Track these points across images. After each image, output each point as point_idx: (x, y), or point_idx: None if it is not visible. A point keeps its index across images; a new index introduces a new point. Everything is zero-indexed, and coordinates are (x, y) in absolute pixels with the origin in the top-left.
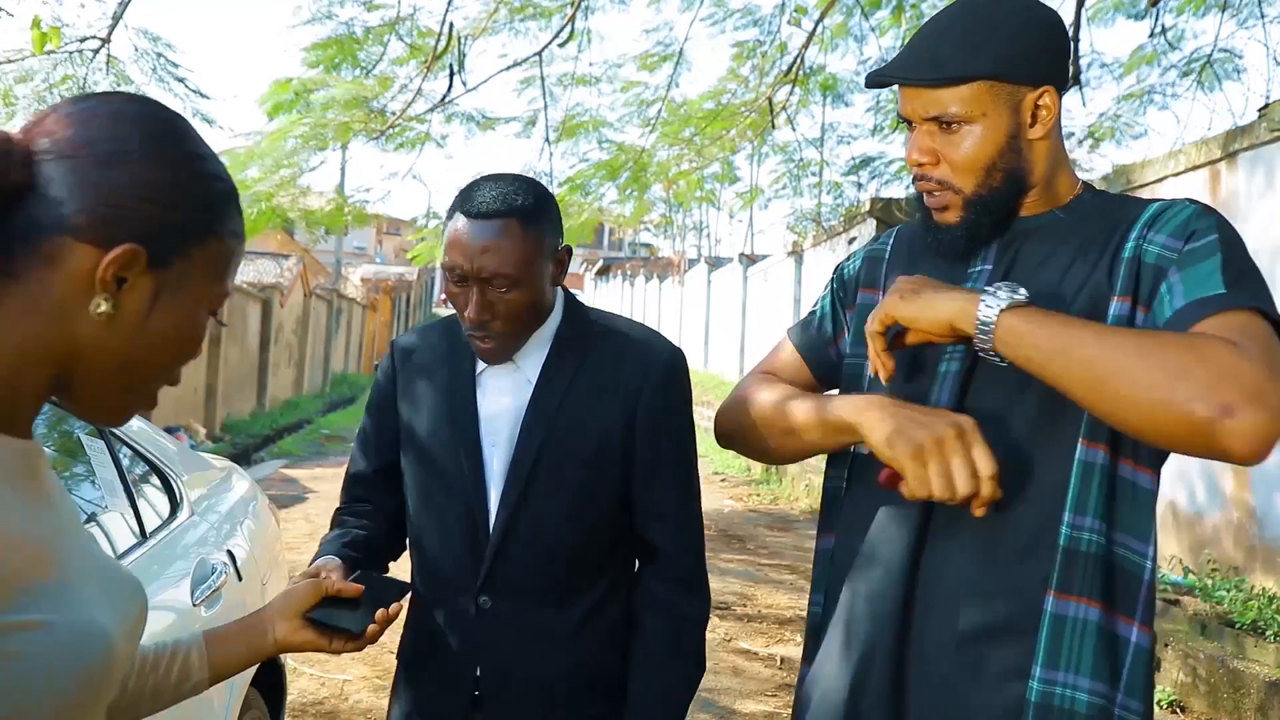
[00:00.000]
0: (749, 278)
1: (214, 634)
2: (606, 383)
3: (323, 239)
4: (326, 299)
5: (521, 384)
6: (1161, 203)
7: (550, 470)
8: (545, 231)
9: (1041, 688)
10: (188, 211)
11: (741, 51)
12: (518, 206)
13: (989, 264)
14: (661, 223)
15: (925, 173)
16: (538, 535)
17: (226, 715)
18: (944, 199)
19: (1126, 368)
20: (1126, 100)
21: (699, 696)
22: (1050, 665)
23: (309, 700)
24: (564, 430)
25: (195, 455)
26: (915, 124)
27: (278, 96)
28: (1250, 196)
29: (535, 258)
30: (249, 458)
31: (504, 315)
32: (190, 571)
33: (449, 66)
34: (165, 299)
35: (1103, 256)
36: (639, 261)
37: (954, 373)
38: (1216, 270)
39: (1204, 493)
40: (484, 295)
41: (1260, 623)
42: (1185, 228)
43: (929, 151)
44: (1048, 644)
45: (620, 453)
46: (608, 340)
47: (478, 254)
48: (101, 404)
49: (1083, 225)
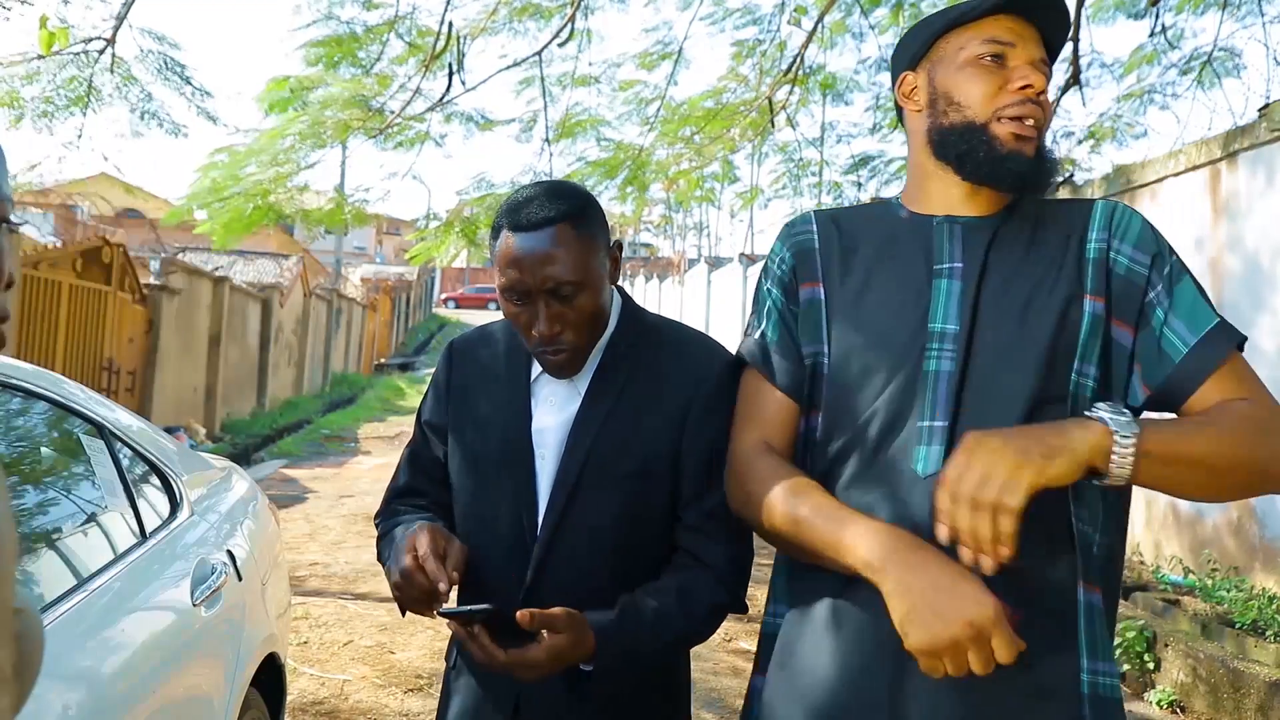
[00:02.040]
0: (749, 278)
1: None
2: (656, 394)
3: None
4: (326, 299)
5: (572, 396)
6: (1103, 204)
7: (595, 484)
8: (596, 231)
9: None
10: None
11: (741, 50)
12: (566, 211)
13: (957, 260)
14: (661, 223)
15: (1037, 100)
16: (582, 548)
17: (226, 715)
18: (1036, 127)
19: (1224, 457)
20: (1126, 100)
21: (700, 694)
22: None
23: (309, 700)
24: (609, 444)
25: (195, 455)
26: (1023, 60)
27: (275, 94)
28: (1251, 196)
29: (593, 259)
30: (249, 458)
31: (574, 324)
32: (190, 571)
33: (448, 66)
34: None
35: (1066, 254)
36: (639, 261)
37: (946, 373)
38: (1196, 295)
39: None
40: (550, 307)
41: (1261, 623)
42: (1144, 240)
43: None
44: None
45: (669, 465)
46: (660, 348)
47: (538, 266)
48: None
49: (1036, 224)
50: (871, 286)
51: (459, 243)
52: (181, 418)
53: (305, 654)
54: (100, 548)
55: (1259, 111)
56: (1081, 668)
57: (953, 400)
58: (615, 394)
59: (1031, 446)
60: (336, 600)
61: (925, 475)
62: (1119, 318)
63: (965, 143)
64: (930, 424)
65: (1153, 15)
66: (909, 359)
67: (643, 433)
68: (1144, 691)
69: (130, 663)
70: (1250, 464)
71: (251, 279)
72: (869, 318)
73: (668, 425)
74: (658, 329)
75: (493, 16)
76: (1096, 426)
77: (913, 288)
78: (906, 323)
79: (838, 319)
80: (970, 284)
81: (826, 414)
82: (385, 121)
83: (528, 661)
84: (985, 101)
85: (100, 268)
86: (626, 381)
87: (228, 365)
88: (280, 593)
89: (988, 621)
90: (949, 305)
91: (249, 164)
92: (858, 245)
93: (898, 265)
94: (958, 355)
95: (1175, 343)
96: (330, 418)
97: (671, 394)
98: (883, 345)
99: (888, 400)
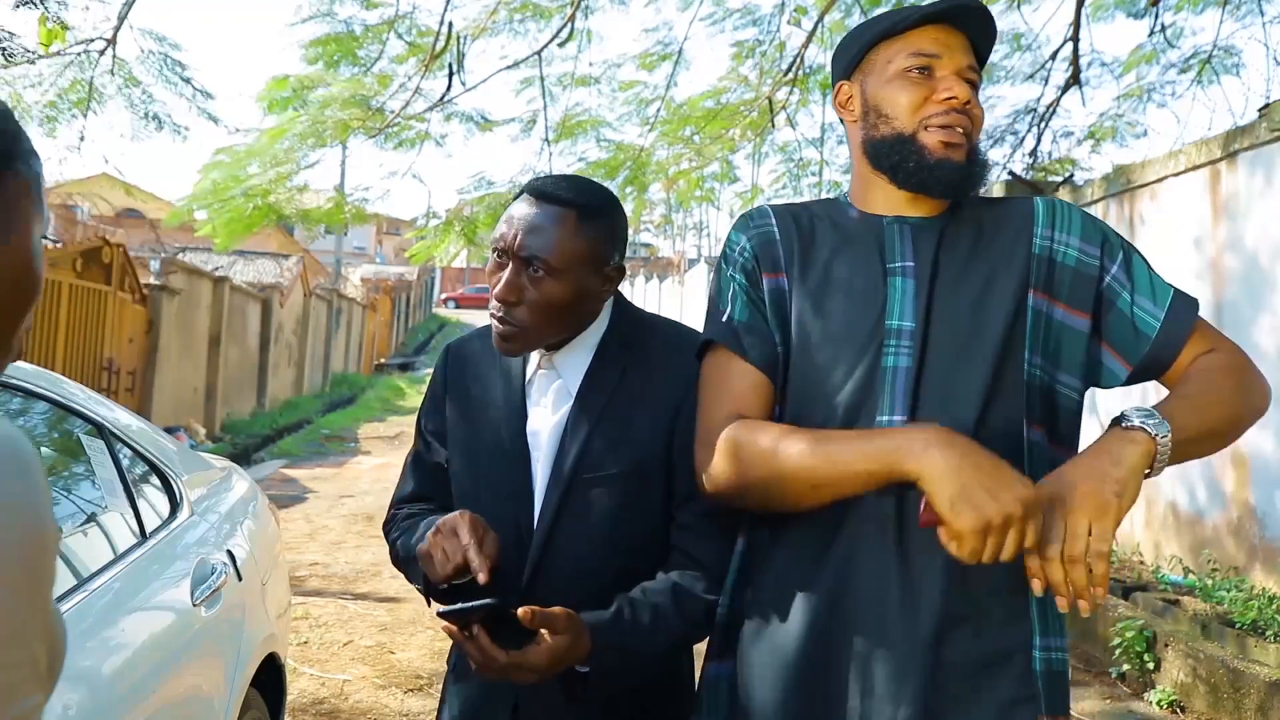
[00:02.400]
0: None
1: None
2: (647, 394)
3: (321, 237)
4: (326, 299)
5: (564, 395)
6: (1042, 201)
7: (588, 484)
8: (601, 239)
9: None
10: None
11: (741, 51)
12: (581, 202)
13: (909, 260)
14: (661, 223)
15: (965, 109)
16: (577, 548)
17: (226, 715)
18: (963, 136)
19: (1225, 419)
20: (1126, 99)
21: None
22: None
23: (309, 700)
24: (602, 443)
25: (195, 455)
26: (950, 71)
27: (275, 93)
28: (1251, 196)
29: (582, 259)
30: (249, 458)
31: (531, 303)
32: (190, 571)
33: (448, 66)
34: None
35: (1014, 250)
36: (639, 261)
37: (904, 369)
38: (1148, 270)
39: (1204, 493)
40: (517, 275)
41: (1261, 623)
42: (1088, 231)
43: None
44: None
45: (662, 463)
46: (652, 348)
47: (525, 231)
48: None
49: (980, 223)
50: (830, 281)
51: (459, 242)
52: (181, 418)
53: (305, 654)
54: (100, 548)
55: (1259, 111)
56: (1034, 644)
57: (910, 395)
58: (608, 392)
59: (1102, 489)
60: (336, 600)
61: None
62: (1072, 305)
63: (896, 154)
64: (889, 418)
65: (1152, 14)
66: (867, 354)
67: (635, 431)
68: (1144, 691)
69: (130, 663)
70: (1245, 411)
71: (251, 279)
72: (828, 311)
73: (660, 423)
74: (650, 327)
75: (493, 16)
76: (1140, 436)
77: (869, 284)
78: (864, 318)
79: (799, 312)
80: (923, 282)
81: (790, 406)
82: (385, 121)
83: (528, 664)
84: (911, 113)
85: (100, 268)
86: (619, 380)
87: (228, 365)
88: (280, 593)
89: (1035, 503)
90: (904, 303)
91: (250, 164)
92: (815, 239)
93: (854, 261)
94: (914, 351)
95: (1147, 319)
96: (330, 418)
97: (663, 392)
98: (842, 340)
99: (848, 395)
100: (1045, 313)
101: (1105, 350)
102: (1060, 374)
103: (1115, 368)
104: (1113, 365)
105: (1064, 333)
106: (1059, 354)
